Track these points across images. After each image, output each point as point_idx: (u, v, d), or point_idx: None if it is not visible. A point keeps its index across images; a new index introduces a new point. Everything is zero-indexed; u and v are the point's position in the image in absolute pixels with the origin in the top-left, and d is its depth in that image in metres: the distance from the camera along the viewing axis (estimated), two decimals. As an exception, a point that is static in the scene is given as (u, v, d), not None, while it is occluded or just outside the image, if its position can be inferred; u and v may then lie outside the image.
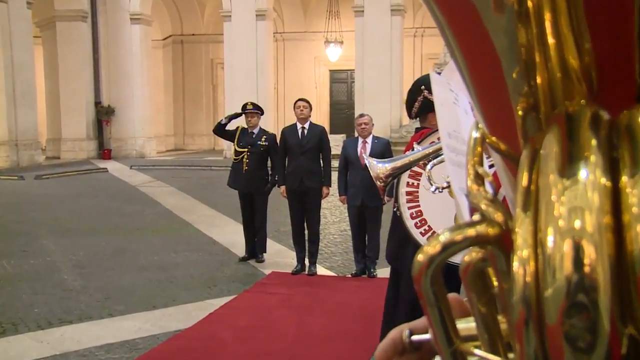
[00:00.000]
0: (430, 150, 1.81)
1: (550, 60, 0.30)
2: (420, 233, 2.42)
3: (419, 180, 2.44)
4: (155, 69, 20.58)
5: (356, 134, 5.92)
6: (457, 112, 0.62)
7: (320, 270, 6.17)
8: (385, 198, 2.26)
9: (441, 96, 0.61)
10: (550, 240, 0.24)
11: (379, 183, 1.82)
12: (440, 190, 1.70)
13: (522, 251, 0.25)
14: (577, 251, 0.23)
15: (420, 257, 0.28)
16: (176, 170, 15.66)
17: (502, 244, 0.28)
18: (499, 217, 0.32)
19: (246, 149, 6.31)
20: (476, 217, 0.30)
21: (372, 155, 5.64)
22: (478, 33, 0.31)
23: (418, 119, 3.35)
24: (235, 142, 6.40)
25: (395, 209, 3.08)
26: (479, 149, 0.42)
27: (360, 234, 5.84)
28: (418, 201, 2.60)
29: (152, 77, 19.36)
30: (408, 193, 2.68)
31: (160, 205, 10.25)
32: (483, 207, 0.33)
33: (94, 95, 18.12)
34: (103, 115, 18.23)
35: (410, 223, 2.62)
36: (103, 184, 13.04)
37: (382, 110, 15.99)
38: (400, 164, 1.86)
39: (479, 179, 0.39)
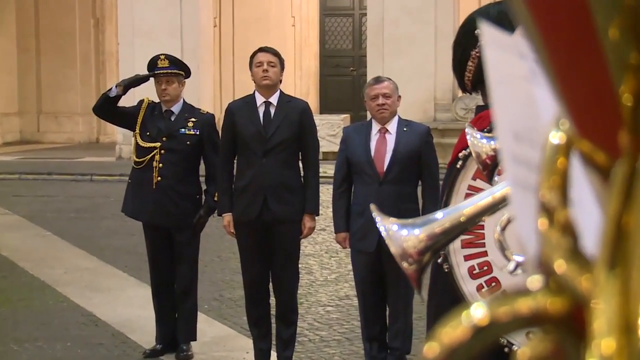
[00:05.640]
0: (500, 193, 1.80)
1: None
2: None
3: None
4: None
5: (369, 116, 5.95)
6: (535, 96, 0.63)
7: (300, 375, 6.16)
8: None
9: (501, 67, 0.62)
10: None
11: (406, 265, 1.83)
12: None
13: (603, 340, 0.27)
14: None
15: (429, 350, 0.30)
16: (23, 183, 15.58)
17: (575, 325, 0.30)
18: (582, 284, 0.34)
19: (159, 144, 6.32)
20: (534, 280, 0.33)
21: (398, 156, 5.67)
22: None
23: (479, 92, 3.40)
24: (138, 130, 6.41)
25: (439, 260, 3.10)
26: (562, 161, 0.44)
27: (375, 305, 5.85)
28: (484, 245, 2.62)
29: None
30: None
31: (-10, 250, 10.19)
32: (556, 265, 0.35)
33: None
34: None
35: (468, 287, 2.64)
36: None
37: (419, 69, 16.09)
38: (440, 227, 1.84)
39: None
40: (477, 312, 0.35)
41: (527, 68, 0.65)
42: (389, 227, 1.85)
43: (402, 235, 1.81)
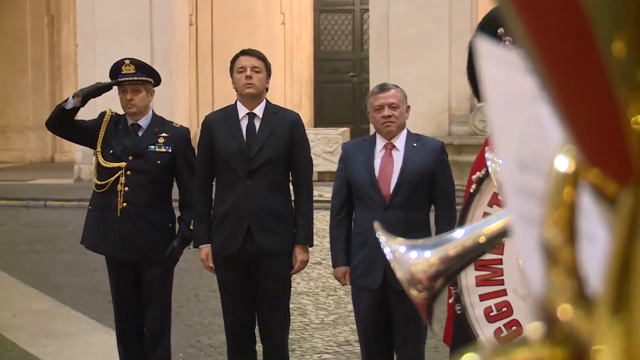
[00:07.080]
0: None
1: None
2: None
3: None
4: None
5: (372, 130, 5.95)
6: (541, 116, 0.64)
7: None
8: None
9: (502, 85, 0.63)
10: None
11: (415, 292, 1.84)
12: None
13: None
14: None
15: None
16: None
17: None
18: (588, 330, 0.35)
19: (124, 164, 6.32)
20: (533, 328, 0.34)
21: (407, 177, 5.67)
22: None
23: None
24: (100, 148, 6.40)
25: (451, 300, 3.11)
26: (568, 191, 0.45)
27: (380, 352, 5.84)
28: (502, 283, 2.62)
29: None
30: (481, 265, 2.71)
31: None
32: (560, 311, 0.37)
33: None
34: None
35: (485, 331, 2.64)
36: None
37: (430, 75, 16.07)
38: (455, 249, 1.85)
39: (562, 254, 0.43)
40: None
41: (533, 84, 0.67)
42: (395, 248, 1.85)
43: (410, 257, 1.81)
